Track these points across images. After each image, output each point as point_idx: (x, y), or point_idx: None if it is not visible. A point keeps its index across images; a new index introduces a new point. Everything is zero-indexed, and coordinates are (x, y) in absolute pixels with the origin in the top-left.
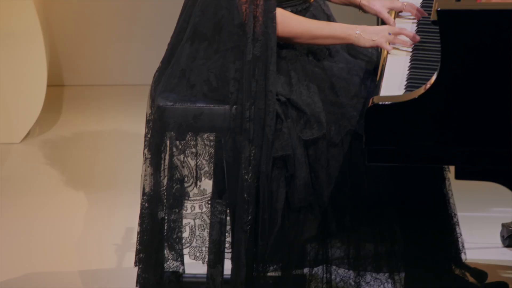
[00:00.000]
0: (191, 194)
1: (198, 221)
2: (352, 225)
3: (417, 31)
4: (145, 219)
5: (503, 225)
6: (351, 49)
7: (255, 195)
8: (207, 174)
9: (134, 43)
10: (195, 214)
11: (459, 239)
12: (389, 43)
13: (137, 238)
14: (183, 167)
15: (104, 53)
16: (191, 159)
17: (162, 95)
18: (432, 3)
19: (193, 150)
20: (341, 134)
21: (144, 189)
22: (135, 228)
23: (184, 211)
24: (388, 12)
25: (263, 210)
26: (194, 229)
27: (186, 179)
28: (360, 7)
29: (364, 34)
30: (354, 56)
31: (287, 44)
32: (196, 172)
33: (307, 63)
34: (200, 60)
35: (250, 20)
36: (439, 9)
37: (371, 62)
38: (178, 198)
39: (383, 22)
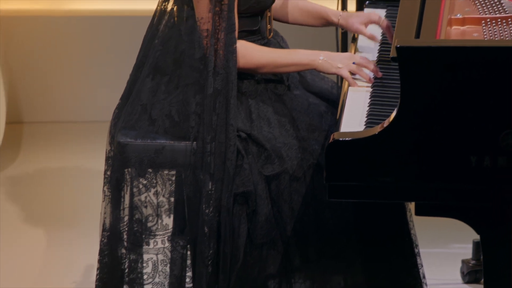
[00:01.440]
0: (154, 228)
1: (160, 256)
2: (316, 258)
3: (377, 67)
4: (105, 255)
5: (463, 262)
6: (310, 85)
7: (216, 230)
8: (167, 212)
9: (93, 79)
10: (158, 249)
11: (420, 270)
12: (351, 73)
13: (97, 274)
14: (145, 206)
15: (63, 90)
16: (153, 196)
17: (122, 132)
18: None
19: (154, 188)
20: (304, 168)
21: (104, 225)
22: (95, 265)
23: (146, 247)
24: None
25: (224, 244)
26: (156, 264)
27: (150, 218)
28: (338, 26)
29: (329, 60)
30: (315, 89)
31: (247, 78)
32: (158, 210)
33: (267, 97)
34: (161, 94)
35: (211, 54)
36: (398, 45)
37: (331, 96)
38: (139, 238)
39: (344, 49)
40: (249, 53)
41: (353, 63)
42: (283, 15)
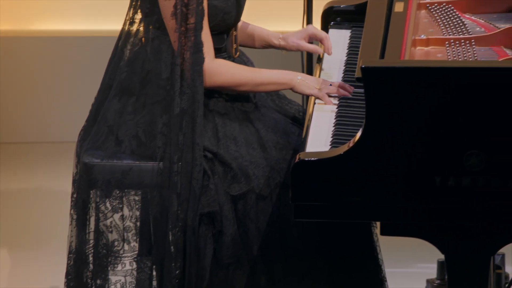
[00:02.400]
0: (120, 251)
1: (129, 278)
2: (282, 278)
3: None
4: (71, 278)
5: (428, 281)
6: (277, 105)
7: (182, 249)
8: (134, 237)
9: (58, 99)
10: (126, 271)
11: None
12: (330, 95)
13: None
14: (111, 231)
15: (28, 110)
16: (119, 220)
17: (88, 152)
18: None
19: (120, 211)
20: (271, 186)
21: (70, 247)
22: (61, 287)
23: (113, 269)
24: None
25: (189, 264)
26: (125, 286)
27: (116, 243)
28: (281, 48)
29: (307, 80)
30: (281, 111)
31: (215, 96)
32: (124, 233)
33: (234, 116)
34: (128, 115)
35: (177, 73)
36: (363, 66)
37: (297, 117)
38: (104, 263)
39: (309, 69)
40: (229, 71)
41: (330, 84)
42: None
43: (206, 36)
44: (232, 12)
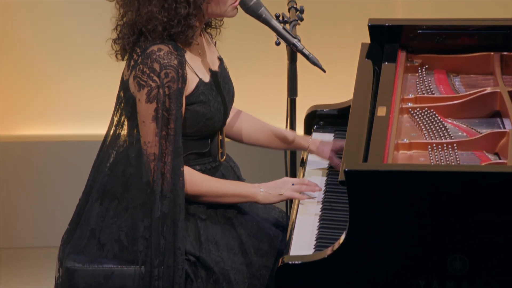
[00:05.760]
0: None
1: None
2: None
3: (326, 191)
4: None
5: None
6: (260, 211)
7: None
8: None
9: (42, 204)
10: None
11: None
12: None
13: None
14: None
15: (12, 216)
16: None
17: (70, 257)
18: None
19: None
20: None
21: None
22: None
23: None
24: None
25: None
26: None
27: None
28: (309, 152)
29: (270, 191)
30: (265, 216)
31: (196, 202)
32: None
33: (216, 220)
34: (110, 219)
35: (158, 177)
36: (346, 169)
37: (280, 221)
38: None
39: (292, 171)
40: (192, 179)
41: (292, 184)
42: (236, 133)
43: None
44: (215, 118)
